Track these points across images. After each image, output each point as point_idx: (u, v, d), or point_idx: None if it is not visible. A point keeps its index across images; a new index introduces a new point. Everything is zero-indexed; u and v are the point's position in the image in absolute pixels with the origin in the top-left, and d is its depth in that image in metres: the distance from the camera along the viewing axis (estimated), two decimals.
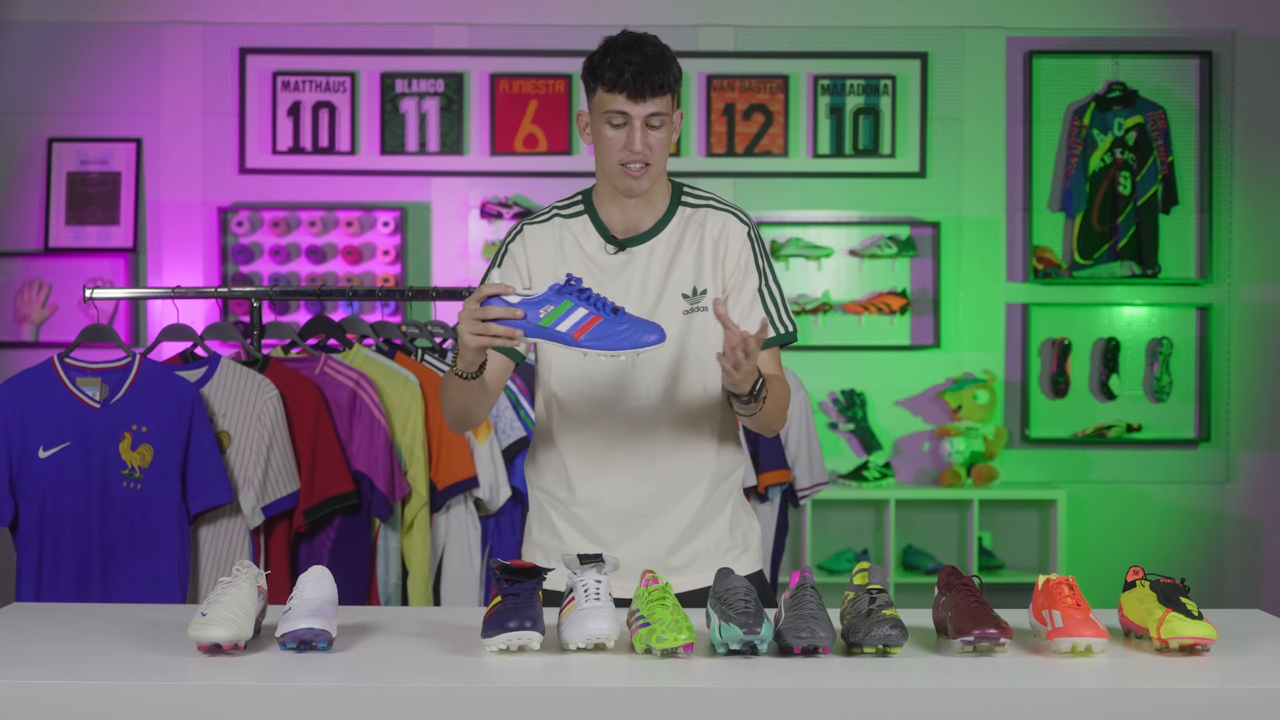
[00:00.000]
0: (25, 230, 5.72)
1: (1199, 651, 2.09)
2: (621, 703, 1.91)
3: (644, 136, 2.40)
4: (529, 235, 2.52)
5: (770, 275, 2.53)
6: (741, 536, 2.58)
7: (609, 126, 2.41)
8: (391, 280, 5.68)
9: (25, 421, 3.11)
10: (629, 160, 2.41)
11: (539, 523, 2.58)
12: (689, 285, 2.48)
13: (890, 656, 2.08)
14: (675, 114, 2.45)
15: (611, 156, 2.42)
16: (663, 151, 2.43)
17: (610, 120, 2.40)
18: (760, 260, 2.51)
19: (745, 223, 2.52)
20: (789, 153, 5.79)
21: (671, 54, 2.44)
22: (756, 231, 2.53)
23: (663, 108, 2.40)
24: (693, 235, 2.49)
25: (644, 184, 2.44)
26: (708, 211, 2.52)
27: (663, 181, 2.51)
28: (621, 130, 2.40)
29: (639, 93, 2.37)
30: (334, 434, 3.29)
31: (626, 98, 2.38)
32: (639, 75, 2.36)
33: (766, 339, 2.41)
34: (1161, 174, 5.75)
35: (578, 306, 2.21)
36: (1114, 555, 5.71)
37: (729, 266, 2.49)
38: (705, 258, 2.48)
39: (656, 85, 2.38)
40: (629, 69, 2.37)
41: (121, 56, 5.71)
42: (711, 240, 2.49)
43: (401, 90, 5.74)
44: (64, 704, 1.92)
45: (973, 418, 5.66)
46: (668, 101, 2.41)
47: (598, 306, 2.22)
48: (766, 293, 2.51)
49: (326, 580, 2.17)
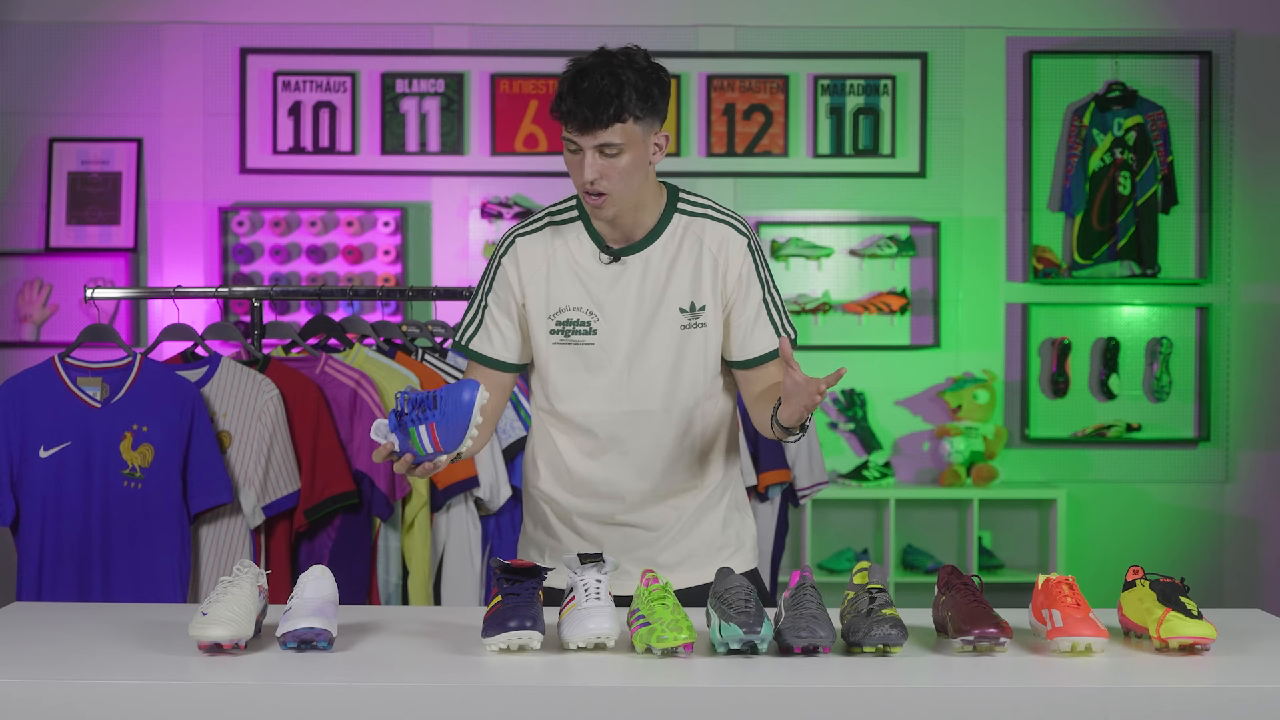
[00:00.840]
0: (26, 230, 5.72)
1: (1198, 651, 2.10)
2: (622, 702, 1.91)
3: (597, 164, 2.34)
4: (520, 249, 2.50)
5: (771, 283, 2.52)
6: (735, 535, 2.58)
7: (568, 152, 2.38)
8: (392, 280, 5.68)
9: (26, 421, 3.11)
10: (583, 189, 2.38)
11: (534, 521, 2.59)
12: (686, 300, 2.46)
13: (890, 656, 2.08)
14: (654, 137, 2.38)
15: (575, 181, 2.40)
16: (627, 178, 2.36)
17: (568, 146, 2.37)
18: (761, 270, 2.50)
19: (744, 233, 2.49)
20: (789, 153, 5.79)
21: (635, 78, 2.32)
22: (755, 240, 2.51)
23: (616, 138, 2.31)
24: (690, 247, 2.46)
25: (606, 212, 2.39)
26: (705, 222, 2.48)
27: (651, 190, 2.46)
28: (577, 156, 2.36)
29: (584, 126, 2.31)
30: (335, 433, 3.29)
31: (573, 129, 2.34)
32: (580, 109, 2.30)
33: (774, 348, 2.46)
34: (1161, 174, 5.75)
35: (417, 425, 2.18)
36: (1113, 555, 5.71)
37: (730, 281, 2.47)
38: (704, 272, 2.46)
39: (601, 119, 2.29)
40: (569, 101, 2.31)
41: (122, 56, 5.72)
42: (711, 254, 2.46)
43: (402, 90, 5.75)
44: (65, 703, 1.92)
45: (972, 417, 5.66)
46: (624, 130, 2.32)
47: (426, 410, 2.18)
48: (769, 301, 2.50)
49: (327, 580, 2.18)
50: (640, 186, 2.40)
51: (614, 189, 2.36)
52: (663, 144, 2.41)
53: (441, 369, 3.59)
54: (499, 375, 2.52)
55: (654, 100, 2.35)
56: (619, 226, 2.45)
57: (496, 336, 2.52)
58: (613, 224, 2.45)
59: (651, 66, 2.36)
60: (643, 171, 2.39)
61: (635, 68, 2.33)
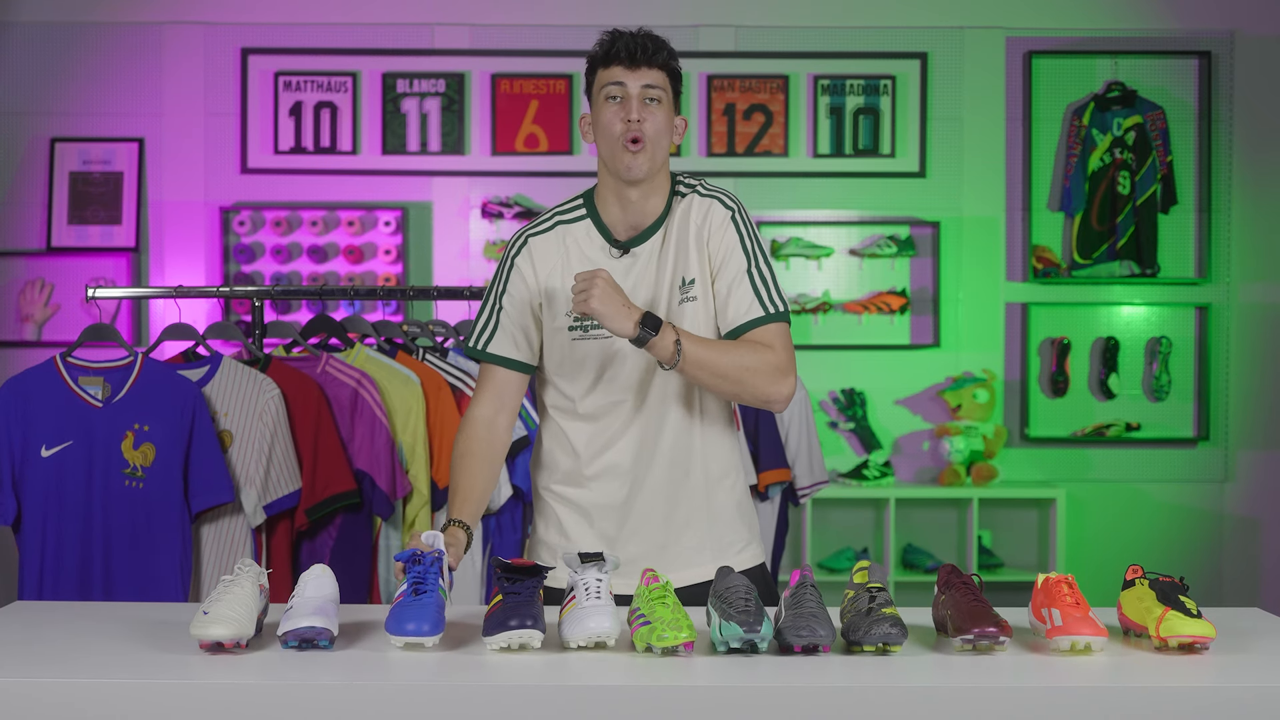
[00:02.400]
0: (28, 230, 5.73)
1: (1198, 650, 2.10)
2: (622, 701, 1.92)
3: (640, 108, 2.42)
4: (534, 247, 2.51)
5: (760, 256, 2.49)
6: (746, 528, 2.59)
7: (608, 103, 2.43)
8: (393, 280, 5.68)
9: (28, 421, 3.11)
10: (627, 132, 2.42)
11: (545, 522, 2.59)
12: (678, 276, 2.49)
13: (890, 655, 2.09)
14: (677, 118, 2.49)
15: (612, 133, 2.43)
16: (661, 135, 2.44)
17: (609, 94, 2.43)
18: (748, 242, 2.48)
19: (729, 205, 2.49)
20: (789, 152, 5.79)
21: (671, 48, 2.48)
22: (744, 214, 2.51)
23: (658, 82, 2.43)
24: (680, 224, 2.49)
25: (642, 161, 2.43)
26: (693, 198, 2.51)
27: (664, 177, 2.50)
28: (619, 104, 2.43)
29: (634, 60, 2.42)
30: (335, 433, 3.30)
31: (623, 67, 2.42)
32: (633, 43, 2.42)
33: (757, 317, 2.43)
34: (1160, 174, 5.76)
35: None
36: (1113, 554, 5.72)
37: (713, 251, 2.48)
38: (690, 245, 2.48)
39: (651, 55, 2.42)
40: (624, 39, 2.43)
41: (124, 57, 5.72)
42: (695, 227, 2.49)
43: (403, 90, 5.75)
44: (66, 702, 1.92)
45: (972, 417, 5.66)
46: (664, 79, 2.44)
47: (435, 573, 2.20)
48: (756, 274, 2.47)
49: (328, 578, 2.18)
50: (665, 156, 2.48)
51: (652, 136, 2.43)
52: (680, 128, 2.50)
53: (442, 368, 3.59)
54: (516, 376, 2.53)
55: (680, 78, 2.50)
56: (634, 204, 2.47)
57: (519, 336, 2.52)
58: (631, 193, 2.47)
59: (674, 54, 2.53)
60: (668, 139, 2.47)
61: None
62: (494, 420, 2.52)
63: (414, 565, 2.17)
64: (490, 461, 2.51)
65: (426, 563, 2.18)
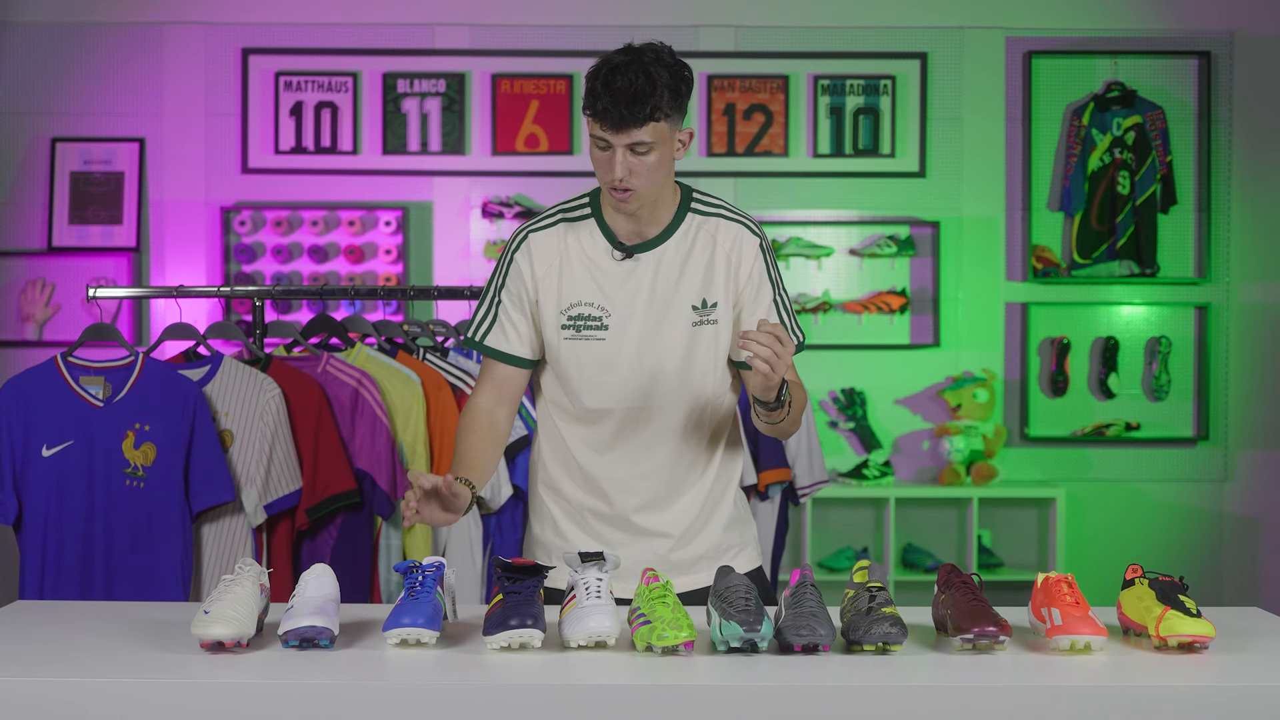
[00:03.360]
0: (29, 230, 5.73)
1: (1197, 649, 2.10)
2: (622, 700, 1.92)
3: (626, 162, 2.34)
4: (534, 244, 2.50)
5: (781, 285, 2.52)
6: (739, 534, 2.59)
7: (596, 149, 2.37)
8: (393, 279, 5.69)
9: (29, 420, 3.12)
10: (610, 185, 2.38)
11: (540, 520, 2.59)
12: (698, 297, 2.47)
13: (890, 654, 2.09)
14: (678, 134, 2.39)
15: (601, 177, 2.40)
16: (653, 174, 2.37)
17: (597, 144, 2.37)
18: (772, 271, 2.50)
19: (757, 234, 2.50)
20: (789, 152, 5.80)
21: (667, 76, 2.33)
22: (767, 242, 2.51)
23: (648, 135, 2.32)
24: (704, 245, 2.47)
25: (630, 207, 2.40)
26: (719, 221, 2.49)
27: (670, 188, 2.48)
28: (607, 154, 2.36)
29: (617, 125, 2.31)
30: (336, 432, 3.30)
31: (606, 128, 2.33)
32: (616, 108, 2.30)
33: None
34: (1160, 174, 5.76)
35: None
36: (1113, 553, 5.72)
37: (742, 280, 2.47)
38: (717, 270, 2.47)
39: (636, 117, 2.30)
40: (605, 100, 2.31)
41: (124, 57, 5.72)
42: (724, 252, 2.47)
43: (403, 90, 5.75)
44: (67, 702, 1.93)
45: (972, 416, 5.66)
46: (655, 129, 2.32)
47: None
48: (779, 303, 2.51)
49: (329, 578, 2.18)
50: (660, 186, 2.42)
51: (641, 185, 2.37)
52: (685, 140, 2.42)
53: (443, 368, 3.59)
54: (513, 371, 2.53)
55: (682, 98, 2.37)
56: (636, 220, 2.46)
57: (512, 332, 2.51)
58: (631, 218, 2.45)
59: (678, 63, 2.38)
60: (668, 167, 2.40)
61: (665, 65, 2.34)
62: (494, 410, 2.53)
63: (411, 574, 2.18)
64: (493, 442, 2.51)
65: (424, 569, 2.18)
